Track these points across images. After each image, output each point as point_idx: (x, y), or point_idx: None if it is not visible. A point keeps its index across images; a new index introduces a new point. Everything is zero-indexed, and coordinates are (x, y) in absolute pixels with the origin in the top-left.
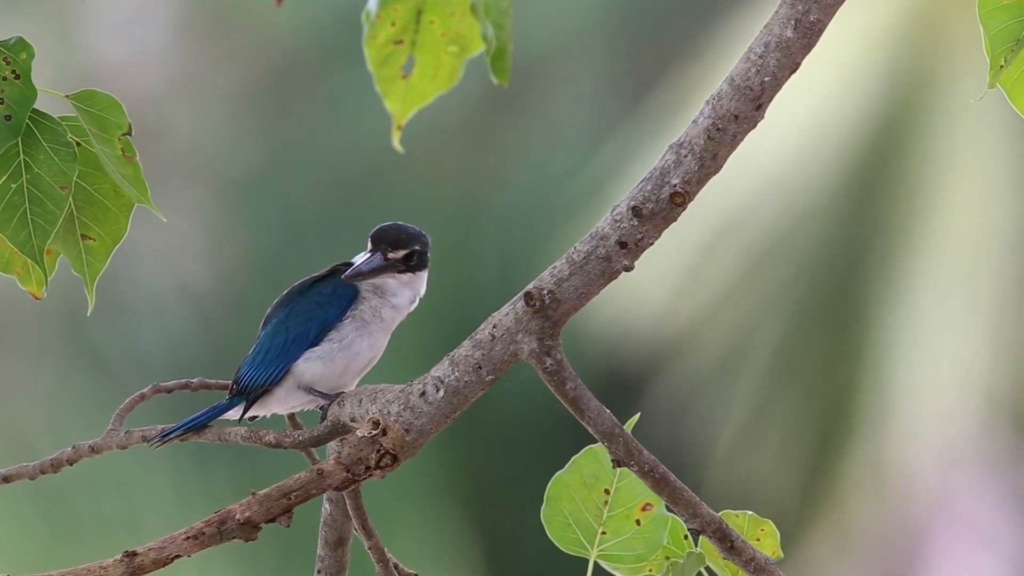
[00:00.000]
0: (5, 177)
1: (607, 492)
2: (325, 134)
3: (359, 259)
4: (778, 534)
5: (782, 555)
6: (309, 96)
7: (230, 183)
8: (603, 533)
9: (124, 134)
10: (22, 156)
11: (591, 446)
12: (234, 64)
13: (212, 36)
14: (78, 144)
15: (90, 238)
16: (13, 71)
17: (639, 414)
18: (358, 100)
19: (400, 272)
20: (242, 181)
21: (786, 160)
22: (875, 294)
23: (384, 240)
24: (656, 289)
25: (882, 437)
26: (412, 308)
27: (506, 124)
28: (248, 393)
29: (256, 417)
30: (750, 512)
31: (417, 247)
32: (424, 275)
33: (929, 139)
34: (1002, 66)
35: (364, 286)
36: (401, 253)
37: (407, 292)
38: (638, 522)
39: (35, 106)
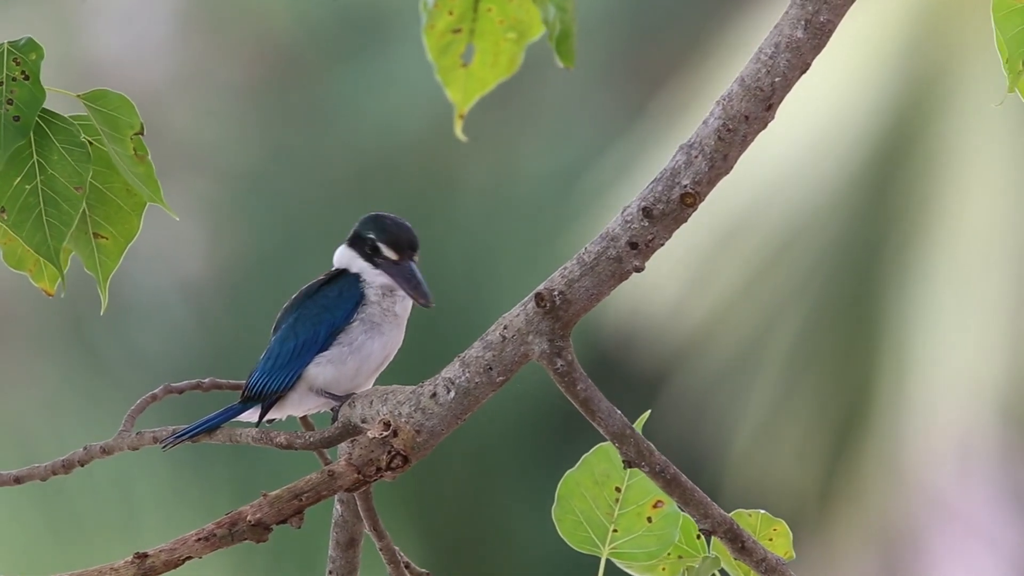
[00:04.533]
0: (19, 179)
1: (618, 490)
2: (325, 132)
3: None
4: (791, 534)
5: (794, 555)
6: (309, 93)
7: (230, 181)
8: (614, 531)
9: (136, 133)
10: (35, 157)
11: (601, 444)
12: (234, 61)
13: (213, 33)
14: (90, 143)
15: (103, 237)
16: (23, 72)
17: (649, 412)
18: (358, 97)
19: None
20: (242, 179)
21: (800, 157)
22: (890, 290)
23: (413, 246)
24: (670, 286)
25: (899, 434)
26: None
27: (508, 124)
28: (263, 399)
29: (273, 420)
30: (763, 511)
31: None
32: None
33: (941, 135)
34: (1020, 71)
35: (371, 288)
36: (418, 253)
37: None
38: (649, 519)
39: (45, 106)
